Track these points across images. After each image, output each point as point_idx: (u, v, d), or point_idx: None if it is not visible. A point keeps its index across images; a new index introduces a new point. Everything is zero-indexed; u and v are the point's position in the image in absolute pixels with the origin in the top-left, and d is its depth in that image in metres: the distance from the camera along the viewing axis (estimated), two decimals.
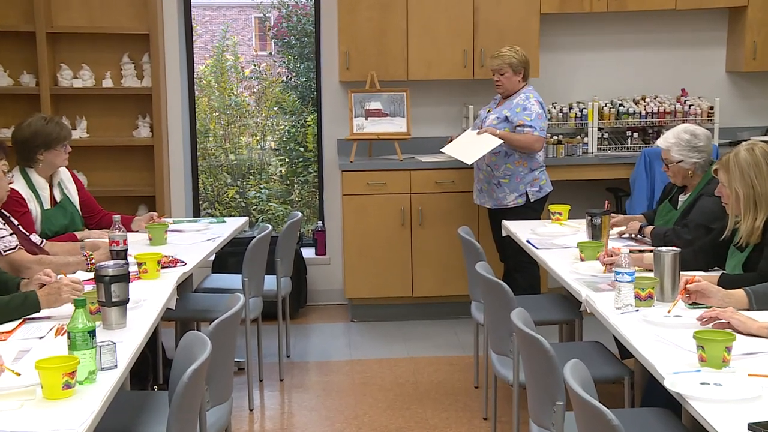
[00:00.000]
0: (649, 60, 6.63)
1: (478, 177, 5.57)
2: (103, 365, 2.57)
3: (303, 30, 10.20)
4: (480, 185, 5.56)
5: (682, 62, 6.64)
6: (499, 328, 3.71)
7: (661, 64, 6.64)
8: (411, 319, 6.19)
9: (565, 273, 3.72)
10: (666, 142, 4.19)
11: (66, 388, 2.37)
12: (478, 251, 4.30)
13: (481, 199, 5.59)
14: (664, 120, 6.37)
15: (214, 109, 10.22)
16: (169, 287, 3.54)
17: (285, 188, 9.59)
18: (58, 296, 3.10)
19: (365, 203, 6.04)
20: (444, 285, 6.06)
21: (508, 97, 5.42)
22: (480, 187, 5.56)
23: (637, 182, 5.89)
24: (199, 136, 8.41)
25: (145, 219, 4.66)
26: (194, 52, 6.76)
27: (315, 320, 6.29)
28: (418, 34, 6.18)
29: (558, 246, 4.24)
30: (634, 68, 6.63)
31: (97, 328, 2.60)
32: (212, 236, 4.64)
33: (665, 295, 3.22)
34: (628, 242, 4.19)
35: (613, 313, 3.12)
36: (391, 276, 6.11)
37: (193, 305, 4.66)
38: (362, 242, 6.07)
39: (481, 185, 5.55)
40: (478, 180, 5.59)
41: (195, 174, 6.77)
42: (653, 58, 6.63)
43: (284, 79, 10.38)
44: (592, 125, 6.36)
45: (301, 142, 9.53)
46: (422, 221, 6.08)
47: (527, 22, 6.18)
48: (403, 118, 6.17)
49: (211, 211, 9.18)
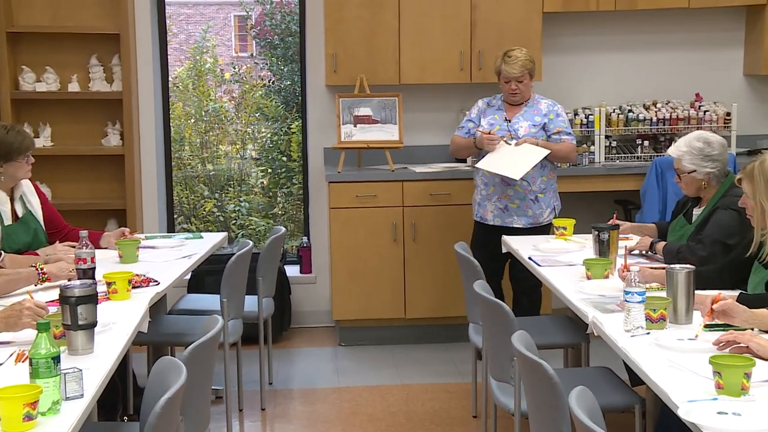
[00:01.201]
0: (661, 62, 6.66)
1: (504, 193, 5.34)
2: (68, 394, 2.56)
3: (287, 29, 10.22)
4: (505, 203, 5.34)
5: (696, 65, 6.67)
6: (499, 353, 3.71)
7: (674, 67, 6.67)
8: (404, 343, 6.18)
9: (571, 293, 3.72)
10: (677, 150, 4.21)
11: (27, 420, 2.35)
12: (476, 269, 4.30)
13: (506, 219, 5.36)
14: (677, 127, 6.39)
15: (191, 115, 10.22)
16: (141, 309, 3.53)
17: (267, 201, 9.59)
18: (18, 320, 3.08)
19: (354, 217, 6.04)
20: (439, 306, 6.06)
21: (521, 103, 5.40)
22: (505, 205, 5.34)
23: (647, 194, 5.90)
24: (174, 145, 8.41)
25: (115, 235, 4.64)
26: (169, 53, 6.77)
27: (300, 344, 6.28)
28: (411, 34, 6.19)
29: (562, 263, 4.25)
30: (644, 71, 6.65)
31: (62, 354, 2.59)
32: (188, 253, 4.63)
33: (679, 317, 3.22)
34: (638, 259, 4.19)
35: (623, 336, 3.12)
36: (382, 296, 6.10)
37: (166, 328, 4.65)
38: (351, 259, 6.07)
39: (507, 202, 5.34)
40: (502, 197, 5.35)
41: (169, 186, 6.76)
42: (665, 60, 6.66)
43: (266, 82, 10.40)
44: (600, 133, 6.38)
45: (285, 150, 9.53)
46: (416, 236, 6.08)
47: (529, 22, 6.21)
48: (395, 125, 6.18)
49: (187, 226, 9.16)
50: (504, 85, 5.35)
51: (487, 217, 5.41)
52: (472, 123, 5.46)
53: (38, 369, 2.48)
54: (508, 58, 5.29)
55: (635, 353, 2.95)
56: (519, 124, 5.36)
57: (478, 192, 5.46)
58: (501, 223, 5.37)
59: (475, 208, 5.50)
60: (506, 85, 5.33)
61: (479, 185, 5.44)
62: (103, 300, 3.53)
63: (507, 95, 5.38)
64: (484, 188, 5.40)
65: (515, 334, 3.07)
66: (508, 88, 5.34)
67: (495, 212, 5.38)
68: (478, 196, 5.46)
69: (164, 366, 2.83)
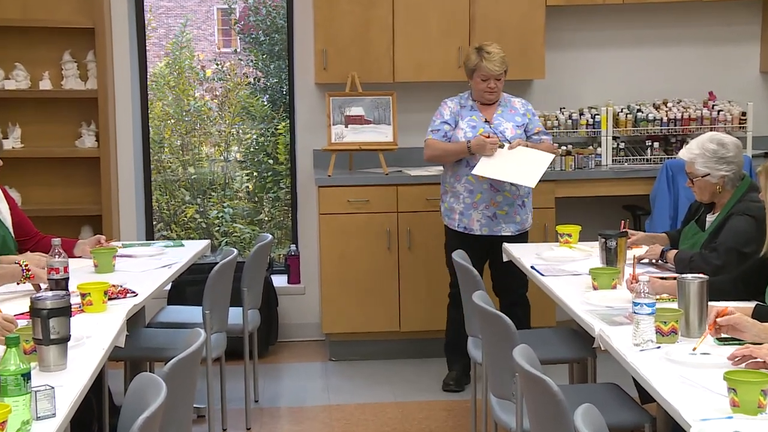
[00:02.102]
0: (672, 58, 6.68)
1: (493, 200, 5.34)
2: (39, 414, 2.55)
3: (273, 24, 10.23)
4: (494, 210, 5.35)
5: (709, 61, 6.69)
6: (499, 368, 3.71)
7: (686, 64, 6.68)
8: (398, 358, 6.18)
9: (576, 304, 3.72)
10: (689, 153, 4.21)
11: None
12: (475, 279, 4.30)
13: (495, 227, 5.37)
14: (689, 128, 6.41)
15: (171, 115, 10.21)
16: (118, 322, 3.52)
17: (252, 207, 9.59)
18: None
19: (345, 224, 6.04)
20: (436, 318, 6.05)
21: (494, 103, 5.42)
22: (493, 212, 5.35)
23: (658, 199, 5.92)
24: (153, 147, 8.40)
25: (90, 243, 4.64)
26: (147, 49, 6.77)
27: (287, 359, 6.27)
28: (406, 29, 6.20)
29: (567, 272, 4.25)
30: (654, 68, 6.67)
31: (33, 371, 2.58)
32: (168, 262, 4.63)
33: (691, 330, 3.23)
34: (648, 268, 4.20)
35: (632, 350, 3.12)
36: (375, 308, 6.10)
37: (145, 342, 4.64)
38: (342, 269, 6.07)
39: (495, 210, 5.35)
40: (490, 204, 5.35)
41: (148, 190, 6.76)
42: (676, 56, 6.68)
43: (252, 80, 10.40)
44: (606, 134, 6.39)
45: (271, 153, 9.53)
46: (411, 244, 6.08)
47: (531, 16, 6.22)
48: (388, 125, 6.18)
49: (167, 234, 9.16)
50: (480, 84, 5.35)
51: (473, 227, 5.39)
52: (448, 125, 5.42)
53: (7, 387, 2.47)
54: (487, 54, 5.30)
55: (645, 368, 2.95)
56: (503, 125, 5.37)
57: (460, 200, 5.39)
58: (489, 233, 5.37)
59: (455, 218, 5.42)
60: (483, 83, 5.34)
61: (462, 193, 5.38)
62: (77, 312, 3.52)
63: (482, 94, 5.38)
64: (468, 196, 5.37)
65: (517, 348, 3.07)
66: (485, 87, 5.35)
67: (482, 221, 5.37)
68: (460, 205, 5.39)
69: (142, 383, 2.83)
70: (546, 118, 6.41)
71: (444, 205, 5.49)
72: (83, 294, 3.64)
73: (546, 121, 6.37)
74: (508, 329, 3.58)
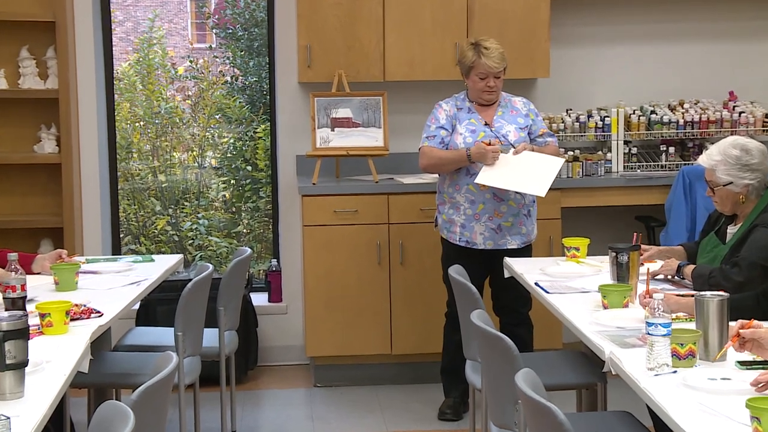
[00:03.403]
0: (689, 55, 6.70)
1: (497, 211, 5.33)
2: None
3: (252, 18, 10.23)
4: (498, 222, 5.33)
5: (730, 58, 6.71)
6: (500, 394, 3.71)
7: (704, 61, 6.71)
8: (390, 384, 6.19)
9: (584, 324, 3.73)
10: (710, 159, 4.22)
11: None
12: (474, 297, 4.30)
13: (500, 240, 5.36)
14: (708, 131, 6.43)
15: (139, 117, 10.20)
16: (81, 345, 3.51)
17: (229, 218, 9.58)
18: None
19: (332, 236, 6.04)
20: (431, 340, 6.05)
21: (493, 103, 5.43)
22: (497, 224, 5.34)
23: (673, 209, 5.92)
24: (120, 152, 8.39)
25: (50, 258, 4.63)
26: (113, 44, 6.77)
27: (268, 385, 6.28)
28: (397, 23, 6.21)
29: (575, 290, 4.26)
30: (669, 66, 6.69)
31: None
32: (136, 279, 4.63)
33: (710, 353, 3.23)
34: (663, 285, 4.21)
35: (645, 375, 3.13)
36: (364, 329, 6.10)
37: (111, 367, 4.63)
38: (328, 286, 6.07)
39: (500, 221, 5.33)
40: (494, 216, 5.33)
41: (114, 200, 6.75)
42: (694, 52, 6.70)
43: (228, 79, 10.39)
44: (617, 138, 6.41)
45: (250, 159, 9.53)
46: (404, 259, 6.08)
47: (535, 9, 6.24)
48: (379, 128, 6.19)
49: (135, 248, 9.14)
50: (477, 83, 5.35)
51: (476, 241, 5.38)
52: (444, 131, 5.41)
53: None
54: (485, 50, 5.30)
55: (660, 395, 2.95)
56: (505, 128, 5.38)
57: (460, 212, 5.38)
58: (494, 246, 5.36)
59: (456, 231, 5.40)
60: (481, 82, 5.35)
61: (462, 204, 5.37)
62: (35, 335, 3.52)
63: (480, 94, 5.38)
64: (469, 207, 5.36)
65: (519, 373, 3.07)
66: (483, 86, 5.35)
67: (486, 234, 5.36)
68: (461, 217, 5.38)
69: (108, 412, 2.82)
70: (551, 120, 6.42)
71: (442, 217, 5.48)
72: (42, 314, 3.63)
73: (551, 123, 6.39)
74: (509, 352, 3.58)
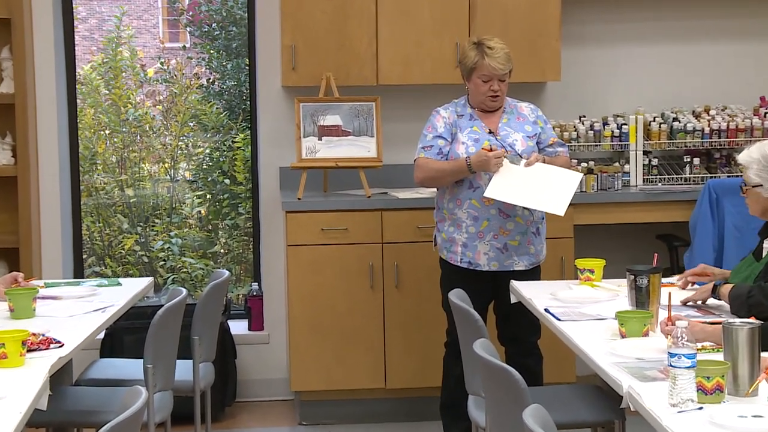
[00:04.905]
0: (716, 56, 6.72)
1: (502, 228, 5.30)
2: None
3: (230, 15, 10.25)
4: (504, 240, 5.31)
5: (760, 60, 6.74)
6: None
7: (732, 63, 6.73)
8: (384, 421, 6.19)
9: (600, 355, 3.73)
10: (748, 156, 4.21)
11: None
12: (476, 325, 4.30)
13: (506, 261, 5.34)
14: (737, 140, 6.43)
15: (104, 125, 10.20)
16: (39, 379, 3.51)
17: (205, 236, 9.57)
18: None
19: (319, 257, 6.04)
20: (430, 373, 6.05)
21: (497, 109, 5.43)
22: (503, 243, 5.31)
23: (699, 227, 5.93)
24: (83, 164, 8.39)
25: (5, 282, 4.63)
26: (76, 43, 6.77)
27: (248, 423, 6.27)
28: (392, 20, 6.23)
29: (589, 317, 4.26)
30: (693, 68, 6.71)
31: None
32: (101, 305, 4.62)
33: (740, 387, 3.23)
34: (687, 311, 4.20)
35: (668, 411, 3.13)
36: (355, 361, 6.10)
37: (73, 404, 4.62)
38: (315, 312, 6.06)
39: (506, 240, 5.32)
40: (499, 234, 5.31)
41: (77, 217, 6.75)
42: (721, 53, 6.72)
43: (204, 82, 10.41)
44: (636, 148, 6.42)
45: (228, 171, 9.53)
46: (399, 282, 6.08)
47: (544, 5, 6.26)
48: (371, 137, 6.20)
49: (100, 270, 9.13)
50: (480, 86, 5.34)
51: (479, 261, 5.36)
52: (442, 140, 5.39)
53: None
54: (489, 50, 5.29)
55: None
56: (511, 137, 5.37)
57: (462, 230, 5.36)
58: (499, 268, 5.35)
59: (457, 251, 5.38)
60: (484, 85, 5.34)
61: (464, 221, 5.34)
62: None
63: (483, 99, 5.37)
64: (472, 224, 5.35)
65: (528, 409, 3.07)
66: (486, 89, 5.34)
67: (491, 254, 5.34)
68: (462, 236, 5.35)
69: None
70: (562, 128, 6.43)
71: (441, 236, 5.47)
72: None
73: (562, 132, 6.40)
74: (516, 386, 3.58)
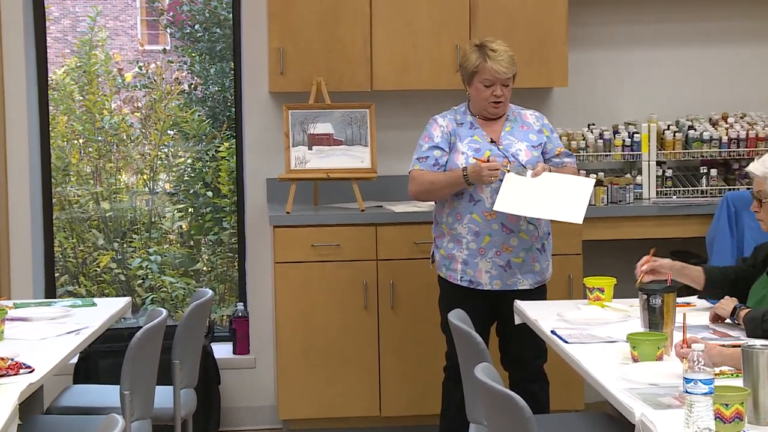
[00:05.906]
0: (734, 60, 6.73)
1: (505, 244, 5.30)
2: None
3: (214, 15, 10.26)
4: (507, 257, 5.31)
5: None
6: None
7: (752, 67, 6.74)
8: None
9: (610, 380, 3.73)
10: (762, 167, 4.21)
11: None
12: (478, 348, 4.29)
13: (509, 280, 5.34)
14: (756, 149, 6.44)
15: (78, 133, 10.21)
16: (7, 407, 3.50)
17: (187, 253, 9.57)
18: None
19: (309, 275, 6.04)
20: (427, 399, 6.05)
21: (499, 116, 5.42)
22: (506, 260, 5.31)
23: (716, 243, 5.93)
24: (56, 175, 8.39)
25: None
26: (48, 45, 6.77)
27: None
28: (387, 22, 6.23)
29: (599, 339, 4.26)
30: (710, 72, 6.73)
31: None
32: (75, 327, 4.62)
33: (761, 415, 3.23)
34: (704, 333, 4.21)
35: None
36: (348, 386, 6.09)
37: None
38: (304, 335, 6.06)
39: (509, 257, 5.31)
40: (502, 250, 5.31)
41: (48, 232, 6.74)
42: (739, 57, 6.73)
43: (185, 88, 10.42)
44: (649, 158, 6.42)
45: (211, 183, 9.53)
46: (395, 302, 6.08)
47: (551, 6, 6.27)
48: (365, 147, 6.20)
49: (74, 289, 9.12)
50: (482, 91, 5.34)
51: (480, 280, 5.35)
52: (439, 151, 5.39)
53: None
54: (492, 52, 5.29)
55: None
56: (515, 147, 5.36)
57: (462, 246, 5.35)
58: (502, 287, 5.35)
59: (457, 268, 5.38)
60: (486, 90, 5.33)
61: (464, 236, 5.34)
62: None
63: (484, 105, 5.37)
64: (473, 240, 5.34)
65: None
66: (488, 95, 5.34)
67: (493, 272, 5.34)
68: (463, 252, 5.35)
69: None
70: (569, 137, 6.44)
71: (440, 252, 5.47)
72: None
73: (570, 141, 6.41)
74: (521, 414, 3.58)
